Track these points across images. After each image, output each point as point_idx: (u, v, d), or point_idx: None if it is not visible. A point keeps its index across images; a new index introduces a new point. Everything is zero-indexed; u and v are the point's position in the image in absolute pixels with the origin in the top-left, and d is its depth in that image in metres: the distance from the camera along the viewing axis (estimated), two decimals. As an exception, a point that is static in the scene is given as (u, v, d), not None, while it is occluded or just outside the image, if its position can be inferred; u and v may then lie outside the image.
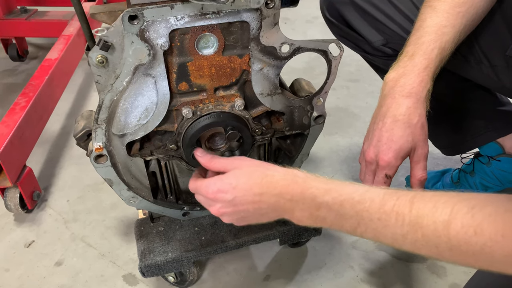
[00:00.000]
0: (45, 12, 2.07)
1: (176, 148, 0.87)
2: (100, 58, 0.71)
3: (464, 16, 0.81)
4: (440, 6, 0.81)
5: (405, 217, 0.56)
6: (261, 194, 0.68)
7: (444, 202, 0.53)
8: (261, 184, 0.68)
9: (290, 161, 1.02)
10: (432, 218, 0.53)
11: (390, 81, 0.80)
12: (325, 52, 0.83)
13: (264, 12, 0.74)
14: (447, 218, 0.52)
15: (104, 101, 0.77)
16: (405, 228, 0.55)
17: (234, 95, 0.85)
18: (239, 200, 0.69)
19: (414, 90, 0.77)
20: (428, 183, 1.31)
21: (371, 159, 0.80)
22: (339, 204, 0.62)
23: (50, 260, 1.18)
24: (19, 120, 1.26)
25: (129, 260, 1.17)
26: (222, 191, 0.70)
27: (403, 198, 0.57)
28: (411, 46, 0.81)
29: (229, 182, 0.70)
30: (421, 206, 0.55)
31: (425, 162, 0.79)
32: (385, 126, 0.77)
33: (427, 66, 0.78)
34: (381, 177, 0.79)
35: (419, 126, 0.76)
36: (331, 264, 1.14)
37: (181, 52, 0.76)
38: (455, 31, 0.80)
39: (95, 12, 0.71)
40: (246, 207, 0.69)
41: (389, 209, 0.57)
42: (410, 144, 0.77)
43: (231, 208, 0.70)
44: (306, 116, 0.93)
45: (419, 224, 0.54)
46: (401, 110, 0.76)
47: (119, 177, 0.88)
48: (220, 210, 0.71)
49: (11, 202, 1.24)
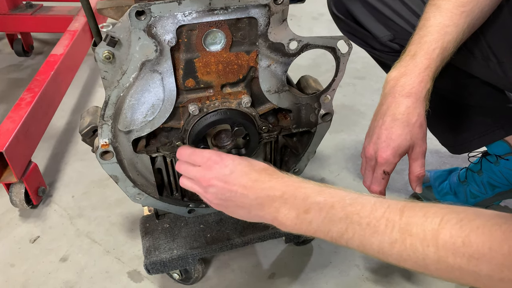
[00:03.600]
0: (51, 7, 2.07)
1: (182, 145, 0.86)
2: (107, 54, 0.71)
3: (468, 16, 0.81)
4: (444, 5, 0.81)
5: (395, 224, 0.56)
6: (255, 181, 0.68)
7: (434, 212, 0.54)
8: (259, 172, 0.70)
9: (297, 159, 1.01)
10: (422, 226, 0.54)
11: (391, 80, 0.81)
12: (334, 49, 0.82)
13: (273, 8, 0.73)
14: (436, 227, 0.53)
15: (111, 97, 0.76)
16: (394, 235, 0.56)
17: (241, 92, 0.84)
18: (233, 178, 0.69)
19: (414, 90, 0.78)
20: (435, 182, 1.30)
21: (370, 155, 0.81)
22: (330, 206, 0.62)
23: (55, 256, 1.18)
24: (24, 116, 1.26)
25: (134, 257, 1.17)
26: (222, 163, 0.71)
27: (394, 206, 0.58)
28: (414, 45, 0.82)
29: (232, 159, 0.71)
30: (412, 215, 0.55)
31: (423, 160, 0.81)
32: (384, 124, 0.79)
33: (428, 66, 0.79)
34: (379, 173, 0.81)
35: (417, 125, 0.78)
36: (337, 263, 1.13)
37: (188, 48, 0.75)
38: (458, 30, 0.81)
39: (102, 8, 0.71)
40: (236, 188, 0.69)
41: (380, 215, 0.58)
42: (408, 143, 0.78)
43: (222, 183, 0.70)
44: (313, 114, 0.92)
45: (408, 232, 0.55)
46: (400, 109, 0.78)
47: (125, 174, 0.88)
48: (211, 181, 0.71)
49: (17, 198, 1.25)
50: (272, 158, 1.00)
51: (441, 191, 1.28)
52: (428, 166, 1.45)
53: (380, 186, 0.83)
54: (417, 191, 0.83)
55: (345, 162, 1.49)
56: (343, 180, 1.41)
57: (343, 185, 1.39)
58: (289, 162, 1.04)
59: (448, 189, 1.27)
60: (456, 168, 1.32)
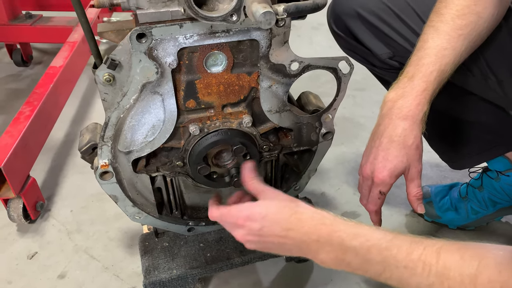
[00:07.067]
0: (50, 18, 2.06)
1: (182, 164, 0.86)
2: (107, 77, 0.70)
3: (466, 39, 0.82)
4: (442, 27, 0.82)
5: (431, 267, 0.56)
6: (288, 230, 0.69)
7: (471, 255, 0.54)
8: (290, 220, 0.69)
9: (298, 177, 1.01)
10: (459, 270, 0.54)
11: (389, 101, 0.82)
12: (335, 69, 0.82)
13: (274, 30, 0.72)
14: (474, 272, 0.53)
15: (111, 118, 0.76)
16: (431, 278, 0.56)
17: (242, 112, 0.83)
18: (265, 231, 0.70)
19: (410, 113, 0.79)
20: (435, 197, 1.30)
21: (367, 175, 0.82)
22: (366, 250, 0.63)
23: (53, 272, 1.17)
24: (23, 130, 1.25)
25: (133, 273, 1.15)
26: (251, 219, 0.71)
27: (430, 248, 0.58)
28: (412, 66, 0.82)
29: (259, 212, 0.71)
30: (448, 258, 0.56)
31: (419, 180, 0.82)
32: (381, 145, 0.80)
33: (425, 89, 0.79)
34: (375, 193, 0.82)
35: (413, 147, 0.79)
36: (337, 281, 1.12)
37: (190, 70, 0.75)
38: (456, 53, 0.82)
39: (103, 31, 0.70)
40: (271, 239, 0.70)
41: (416, 258, 0.58)
42: (404, 164, 0.79)
43: (256, 237, 0.71)
44: (314, 133, 0.92)
45: (445, 276, 0.55)
46: (397, 131, 0.79)
47: (124, 194, 0.87)
48: (245, 237, 0.73)
49: (14, 213, 1.23)
50: (272, 176, 0.99)
51: (442, 207, 1.27)
52: (429, 181, 1.45)
53: (376, 206, 0.84)
54: (419, 211, 0.82)
55: (346, 176, 1.48)
56: (343, 195, 1.40)
57: (343, 200, 1.40)
58: (290, 179, 1.03)
59: (449, 204, 1.27)
60: (457, 183, 1.32)
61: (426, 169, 1.50)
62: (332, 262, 0.67)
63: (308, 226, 0.68)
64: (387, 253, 0.61)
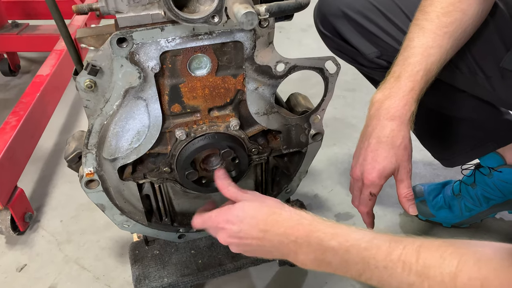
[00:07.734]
0: (37, 26, 2.04)
1: (170, 170, 0.84)
2: (88, 83, 0.69)
3: (452, 36, 0.82)
4: (428, 26, 0.82)
5: (411, 266, 0.56)
6: (265, 231, 0.68)
7: (451, 253, 0.54)
8: (267, 221, 0.69)
9: (289, 179, 0.99)
10: (439, 269, 0.53)
11: (376, 102, 0.82)
12: (322, 69, 0.81)
13: (258, 31, 0.71)
14: (454, 270, 0.52)
15: (94, 125, 0.74)
16: (412, 278, 0.55)
17: (229, 115, 0.82)
18: (244, 234, 0.70)
19: (398, 113, 0.78)
20: (429, 196, 1.29)
21: (357, 176, 0.82)
22: (345, 250, 0.62)
23: (43, 285, 1.15)
24: (9, 141, 1.23)
25: (124, 283, 1.13)
26: (230, 222, 0.71)
27: (410, 246, 0.57)
28: (398, 66, 0.82)
29: (237, 214, 0.71)
30: (428, 256, 0.55)
31: (409, 181, 0.81)
32: (370, 147, 0.80)
33: (412, 89, 0.79)
34: (366, 195, 0.81)
35: (402, 147, 0.78)
36: (332, 284, 1.11)
37: (173, 73, 0.74)
38: (442, 51, 0.81)
39: (82, 36, 0.69)
40: (250, 241, 0.70)
41: (396, 257, 0.57)
42: (393, 165, 0.79)
43: (237, 239, 0.71)
44: (303, 134, 0.90)
45: (425, 275, 0.54)
46: (385, 132, 0.79)
47: (111, 202, 0.85)
48: (227, 240, 0.73)
49: (2, 225, 1.21)
50: (263, 180, 0.98)
51: (435, 205, 1.27)
52: (422, 179, 1.44)
53: (367, 207, 0.84)
54: (411, 212, 0.81)
55: (338, 177, 1.47)
56: (336, 196, 1.39)
57: (336, 201, 1.38)
58: (280, 182, 1.02)
59: (443, 202, 1.26)
60: (450, 181, 1.31)
61: (419, 167, 1.49)
62: (312, 263, 0.66)
63: (285, 227, 0.67)
64: (366, 254, 0.60)
